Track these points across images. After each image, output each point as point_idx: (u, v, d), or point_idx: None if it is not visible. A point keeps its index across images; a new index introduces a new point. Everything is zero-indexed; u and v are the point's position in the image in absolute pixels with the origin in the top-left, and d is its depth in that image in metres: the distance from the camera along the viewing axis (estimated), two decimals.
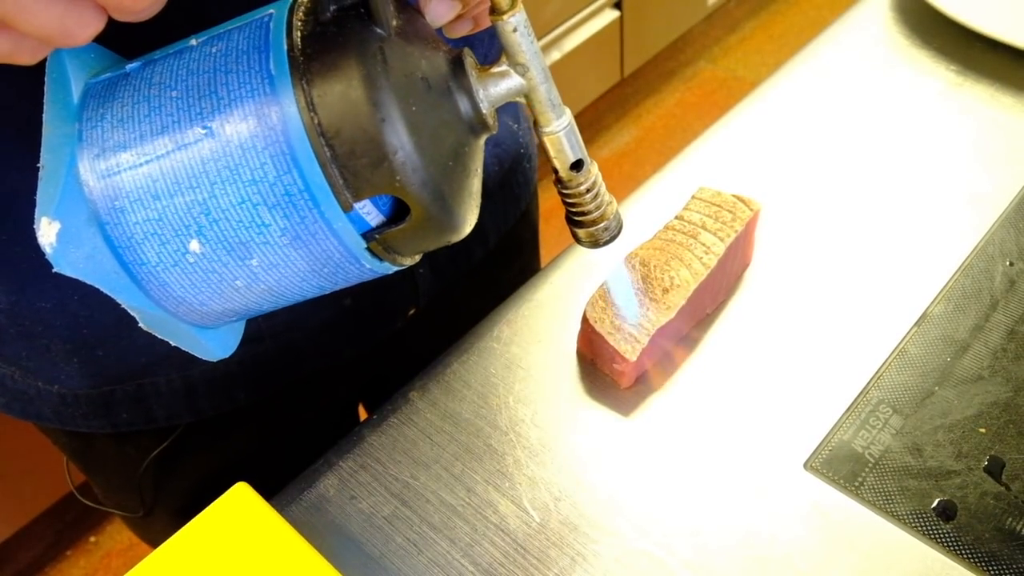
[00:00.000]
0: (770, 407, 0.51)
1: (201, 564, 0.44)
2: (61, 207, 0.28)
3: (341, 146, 0.27)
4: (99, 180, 0.28)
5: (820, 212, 0.61)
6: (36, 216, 0.28)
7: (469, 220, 0.33)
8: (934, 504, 0.46)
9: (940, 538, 0.45)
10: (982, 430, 0.49)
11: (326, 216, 0.28)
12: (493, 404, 0.52)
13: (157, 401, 0.56)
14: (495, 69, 0.33)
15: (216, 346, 0.34)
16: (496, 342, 0.56)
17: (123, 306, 0.30)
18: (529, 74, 0.32)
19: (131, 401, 0.56)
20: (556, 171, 0.36)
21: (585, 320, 0.52)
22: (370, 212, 0.29)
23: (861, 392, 0.51)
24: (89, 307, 0.51)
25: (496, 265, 0.70)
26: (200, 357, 0.34)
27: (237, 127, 0.27)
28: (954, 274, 0.56)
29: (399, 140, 0.28)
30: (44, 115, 0.30)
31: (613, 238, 0.37)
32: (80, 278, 0.29)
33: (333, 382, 0.65)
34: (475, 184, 0.33)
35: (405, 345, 0.66)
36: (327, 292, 0.33)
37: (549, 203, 1.81)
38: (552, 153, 0.35)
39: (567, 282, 0.59)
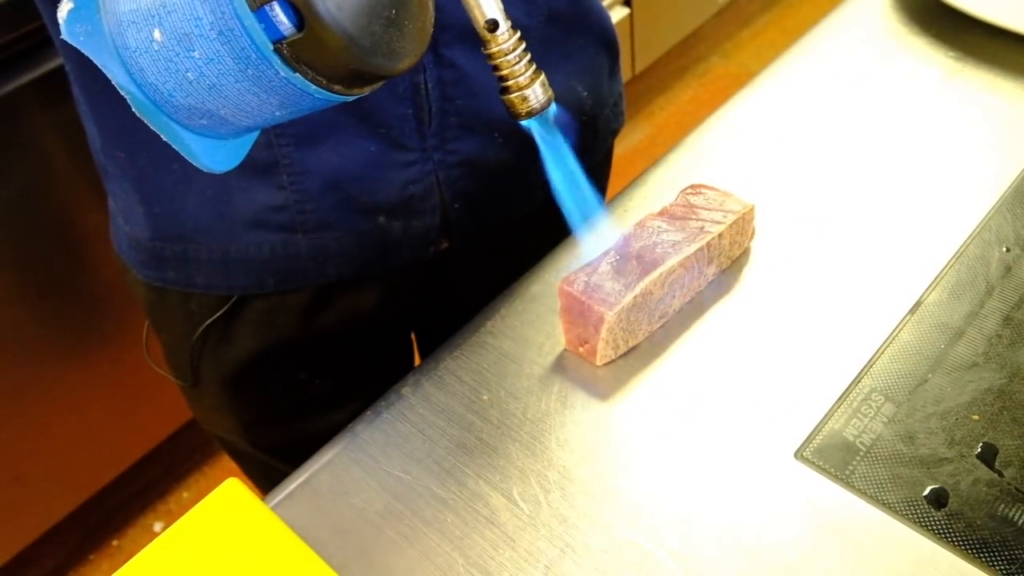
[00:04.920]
0: (762, 396, 0.51)
1: (192, 560, 0.44)
2: None
3: None
4: None
5: (817, 200, 0.61)
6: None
7: (385, 52, 0.36)
8: (925, 492, 0.46)
9: (931, 526, 0.45)
10: (975, 417, 0.48)
11: (238, 12, 0.34)
12: (485, 398, 0.53)
13: (197, 268, 0.62)
14: None
15: (203, 154, 0.39)
16: (488, 336, 0.56)
17: (115, 84, 0.36)
18: None
19: (177, 261, 0.62)
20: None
21: (561, 291, 0.52)
22: (283, 23, 0.34)
23: (854, 380, 0.51)
24: (154, 166, 0.58)
25: (547, 220, 0.69)
26: (187, 158, 0.39)
27: None
28: (950, 261, 0.56)
29: None
30: None
31: (537, 109, 0.41)
32: (81, 48, 0.36)
33: (382, 296, 0.68)
34: (396, 28, 0.37)
35: (454, 288, 0.70)
36: (269, 107, 0.37)
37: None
38: (467, 7, 0.38)
39: (560, 277, 0.59)
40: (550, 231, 0.62)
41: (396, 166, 0.59)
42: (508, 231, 0.69)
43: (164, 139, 0.38)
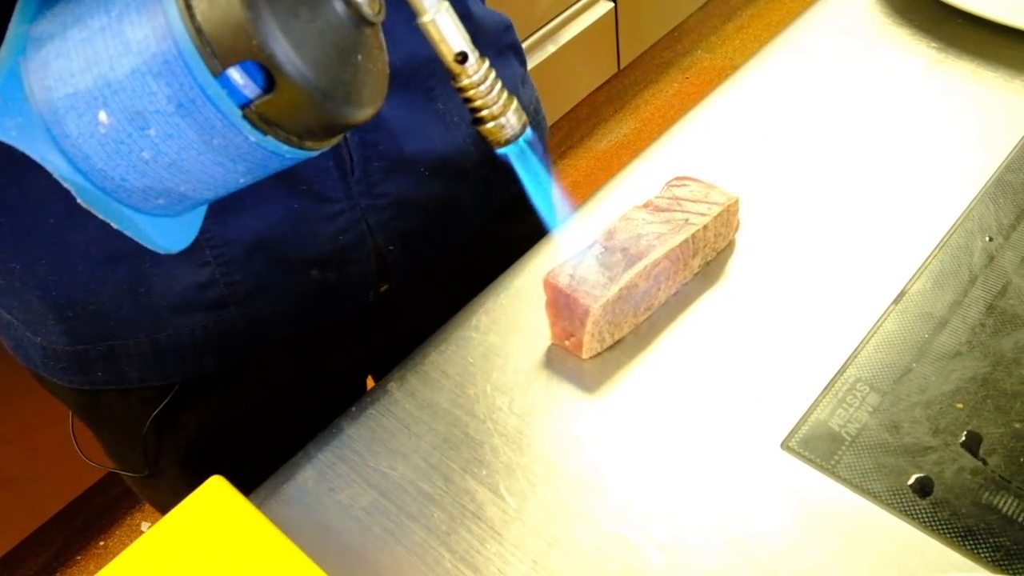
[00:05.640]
0: (747, 387, 0.51)
1: (177, 559, 0.44)
2: (2, 85, 0.33)
3: (206, 15, 0.31)
4: (35, 66, 0.33)
5: (801, 192, 0.61)
6: None
7: (356, 100, 0.35)
8: (911, 480, 0.46)
9: (916, 514, 0.45)
10: (959, 405, 0.49)
11: (199, 81, 0.32)
12: (471, 393, 0.53)
13: (128, 362, 0.58)
14: None
15: (160, 236, 0.37)
16: (474, 331, 0.56)
17: (57, 178, 0.34)
18: None
19: (104, 360, 0.58)
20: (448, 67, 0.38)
21: (546, 284, 0.52)
22: (247, 85, 0.32)
23: (839, 371, 0.51)
24: (57, 271, 0.54)
25: (486, 242, 0.68)
26: (143, 243, 0.36)
27: (128, 10, 0.32)
28: (933, 251, 0.56)
29: (257, 10, 0.31)
30: (9, 24, 0.34)
31: (514, 136, 0.40)
32: (14, 144, 0.33)
33: (326, 349, 0.66)
34: (363, 73, 0.36)
35: (399, 314, 0.67)
36: (235, 175, 0.35)
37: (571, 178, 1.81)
38: (433, 44, 0.37)
39: (545, 271, 0.59)
40: (492, 253, 0.62)
41: (323, 219, 0.56)
42: (448, 262, 0.66)
43: (116, 227, 0.35)
